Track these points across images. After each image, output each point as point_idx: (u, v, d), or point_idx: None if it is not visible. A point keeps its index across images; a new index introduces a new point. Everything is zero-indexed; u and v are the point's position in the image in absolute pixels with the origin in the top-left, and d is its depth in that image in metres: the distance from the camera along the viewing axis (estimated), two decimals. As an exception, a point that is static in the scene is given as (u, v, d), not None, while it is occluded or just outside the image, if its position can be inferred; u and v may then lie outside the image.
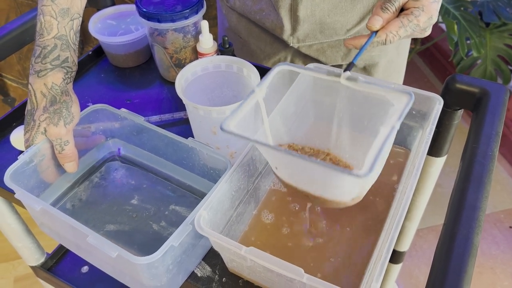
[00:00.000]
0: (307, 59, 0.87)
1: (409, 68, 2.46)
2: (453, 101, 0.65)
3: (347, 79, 0.50)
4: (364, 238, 0.56)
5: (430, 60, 2.22)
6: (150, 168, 0.66)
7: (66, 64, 0.60)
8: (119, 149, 0.68)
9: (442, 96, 0.62)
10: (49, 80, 0.58)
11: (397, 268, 1.04)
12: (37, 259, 0.91)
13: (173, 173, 0.64)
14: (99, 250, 0.48)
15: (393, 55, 0.87)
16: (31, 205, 0.51)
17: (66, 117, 0.58)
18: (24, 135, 0.60)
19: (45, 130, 0.58)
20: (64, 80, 0.60)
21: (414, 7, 0.54)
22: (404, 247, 0.94)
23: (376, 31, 0.54)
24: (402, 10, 0.55)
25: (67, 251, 0.97)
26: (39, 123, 0.58)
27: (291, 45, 0.84)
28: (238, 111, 0.47)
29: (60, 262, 0.95)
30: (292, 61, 0.89)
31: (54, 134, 0.58)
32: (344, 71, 0.50)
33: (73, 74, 0.62)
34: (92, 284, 0.91)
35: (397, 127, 0.44)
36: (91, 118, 0.64)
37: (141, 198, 0.62)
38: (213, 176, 0.60)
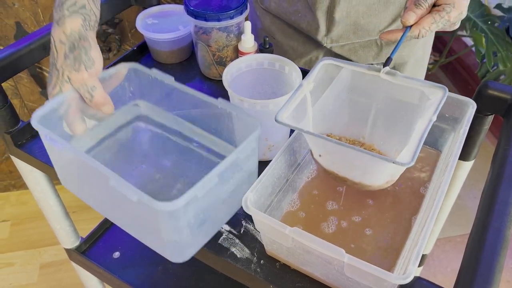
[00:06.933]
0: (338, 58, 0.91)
1: (431, 81, 2.45)
2: (484, 106, 0.68)
3: (387, 73, 0.54)
4: (397, 228, 0.59)
5: (452, 74, 2.23)
6: (176, 132, 0.65)
7: (83, 11, 0.59)
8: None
9: (474, 101, 0.64)
10: (67, 26, 0.57)
11: (417, 271, 1.06)
12: (72, 242, 0.95)
13: (200, 138, 0.63)
14: (120, 199, 0.45)
15: (419, 54, 0.91)
16: (56, 146, 0.50)
17: (86, 61, 0.57)
18: (49, 86, 0.58)
19: (69, 79, 0.57)
20: (82, 26, 0.58)
21: (446, 4, 0.58)
22: (426, 249, 0.96)
23: (410, 26, 0.58)
24: (433, 6, 0.59)
25: (100, 236, 1.01)
26: (62, 71, 0.57)
27: (324, 45, 0.87)
28: (289, 104, 0.51)
29: (93, 247, 0.99)
30: None
31: (78, 80, 0.56)
32: (384, 66, 0.54)
33: (92, 23, 0.60)
34: (123, 269, 0.95)
35: (434, 119, 0.48)
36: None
37: (166, 160, 0.61)
38: (241, 141, 0.56)
